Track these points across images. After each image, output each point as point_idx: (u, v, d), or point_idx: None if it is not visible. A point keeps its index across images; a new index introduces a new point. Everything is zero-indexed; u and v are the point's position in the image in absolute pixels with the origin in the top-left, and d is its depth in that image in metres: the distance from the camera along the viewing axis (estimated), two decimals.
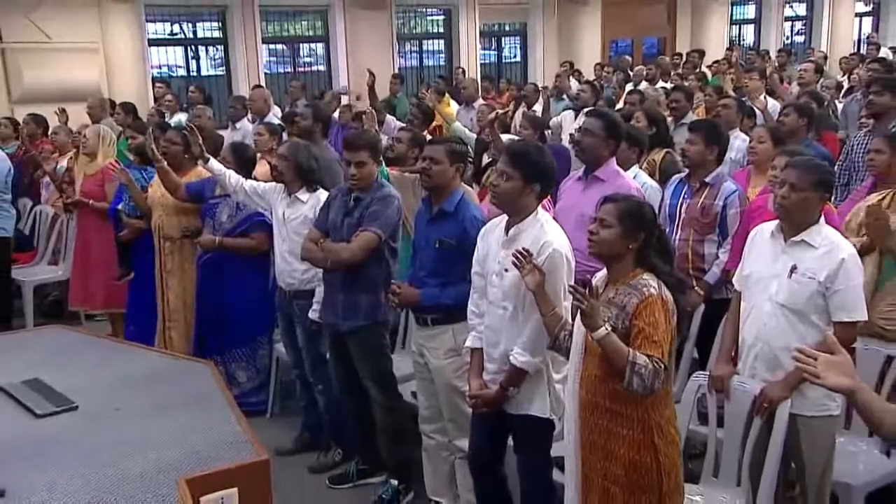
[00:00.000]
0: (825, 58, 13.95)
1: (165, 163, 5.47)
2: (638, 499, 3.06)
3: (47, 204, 7.63)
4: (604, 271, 3.22)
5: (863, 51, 14.98)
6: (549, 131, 8.48)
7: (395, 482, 4.54)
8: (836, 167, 5.53)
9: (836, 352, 2.42)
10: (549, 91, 10.94)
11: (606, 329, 2.91)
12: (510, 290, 3.50)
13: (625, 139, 5.20)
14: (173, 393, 3.61)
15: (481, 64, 14.77)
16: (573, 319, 3.24)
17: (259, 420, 5.21)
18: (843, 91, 10.18)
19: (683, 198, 4.80)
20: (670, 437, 3.09)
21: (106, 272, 6.49)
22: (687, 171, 4.96)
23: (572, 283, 3.14)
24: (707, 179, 4.74)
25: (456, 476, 4.18)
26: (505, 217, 3.63)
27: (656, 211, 4.90)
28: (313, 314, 4.71)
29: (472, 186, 5.46)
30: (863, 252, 3.73)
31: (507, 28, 15.69)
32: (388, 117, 8.70)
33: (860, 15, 18.84)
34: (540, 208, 3.63)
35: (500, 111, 8.78)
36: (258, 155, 6.14)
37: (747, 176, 5.32)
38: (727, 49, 14.75)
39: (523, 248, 3.34)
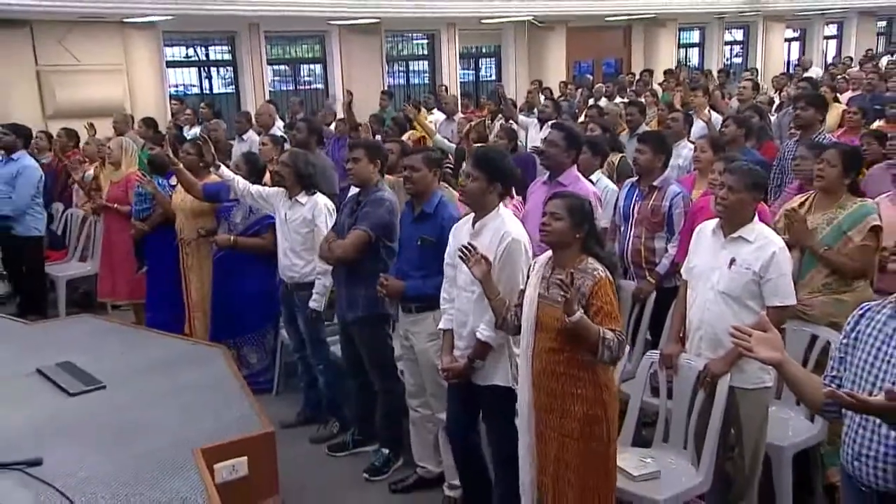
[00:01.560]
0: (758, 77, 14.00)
1: (180, 165, 5.46)
2: (590, 446, 3.12)
3: (78, 208, 7.60)
4: (547, 254, 3.27)
5: (791, 71, 15.12)
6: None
7: (386, 450, 4.55)
8: (770, 172, 5.59)
9: (767, 330, 2.48)
10: (521, 106, 10.96)
11: (580, 313, 2.96)
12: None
13: (588, 148, 5.28)
14: (190, 374, 3.62)
15: (461, 82, 14.75)
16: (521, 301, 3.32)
17: (266, 397, 5.22)
18: (774, 106, 10.22)
19: (635, 200, 4.81)
20: (614, 394, 3.20)
21: (129, 267, 6.47)
22: (637, 176, 4.98)
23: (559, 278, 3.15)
24: (655, 183, 4.76)
25: (439, 444, 4.20)
26: (471, 217, 3.68)
27: (611, 211, 5.00)
28: (313, 303, 4.72)
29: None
30: (789, 247, 3.77)
31: (483, 50, 15.66)
32: None
33: (789, 40, 18.98)
34: (501, 205, 3.67)
35: (476, 120, 8.83)
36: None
37: (693, 181, 5.34)
38: (675, 69, 14.80)
39: (468, 243, 3.41)
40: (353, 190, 4.60)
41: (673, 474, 3.50)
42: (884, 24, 20.45)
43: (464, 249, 3.39)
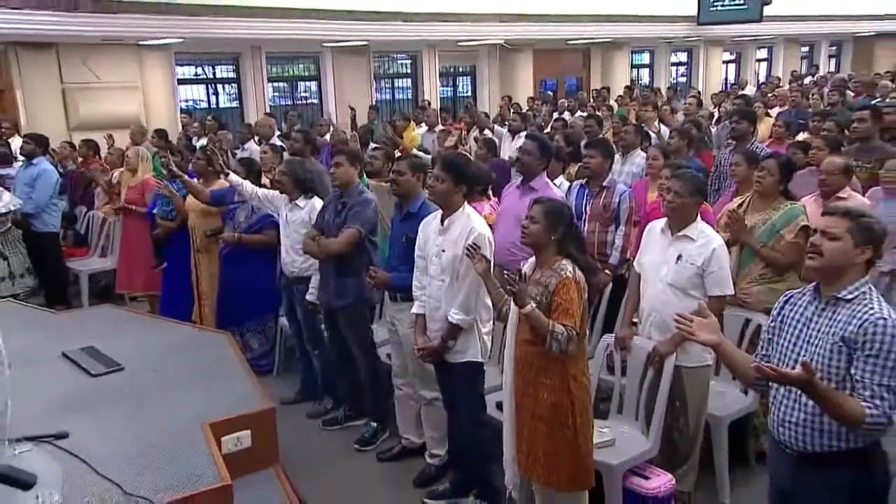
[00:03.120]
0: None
1: (185, 175, 5.54)
2: (557, 432, 3.09)
3: (98, 210, 7.57)
4: (533, 258, 3.25)
5: (729, 89, 15.26)
6: None
7: (374, 424, 4.56)
8: (709, 178, 5.64)
9: (706, 316, 2.54)
10: (493, 118, 11.01)
11: (531, 306, 2.94)
12: (447, 266, 3.56)
13: (554, 156, 5.31)
14: (199, 357, 3.60)
15: (440, 98, 14.74)
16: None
17: (267, 378, 5.20)
18: (714, 119, 10.31)
19: (586, 199, 4.82)
20: (583, 385, 3.13)
21: (144, 262, 6.44)
22: (586, 178, 4.98)
23: (507, 273, 3.12)
24: (605, 184, 4.79)
25: (421, 418, 4.20)
26: (439, 213, 3.67)
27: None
28: (310, 296, 4.70)
29: None
30: (728, 244, 3.81)
31: (460, 69, 15.64)
32: None
33: (726, 62, 19.14)
34: (466, 204, 3.67)
35: (454, 133, 8.90)
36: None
37: (646, 185, 5.38)
38: (628, 87, 14.87)
39: (473, 243, 3.38)
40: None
41: (626, 442, 3.53)
42: (806, 49, 20.72)
43: (470, 248, 3.35)
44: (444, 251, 3.58)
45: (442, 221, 3.65)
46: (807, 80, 15.45)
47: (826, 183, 4.46)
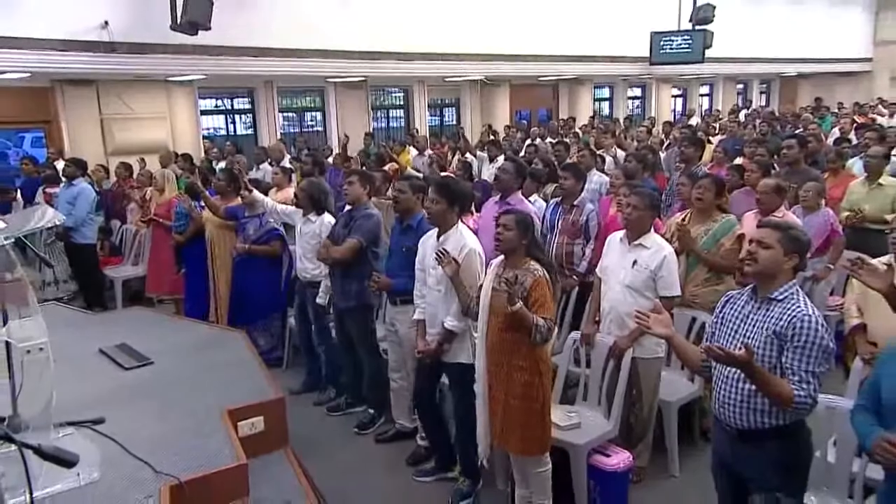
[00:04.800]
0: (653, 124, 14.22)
1: (206, 192, 5.60)
2: (529, 406, 3.12)
3: (131, 224, 7.55)
4: (500, 258, 3.25)
5: (677, 119, 15.38)
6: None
7: (371, 411, 4.55)
8: (662, 195, 5.68)
9: (660, 312, 2.55)
10: (476, 144, 11.03)
11: (520, 304, 2.96)
12: (442, 278, 3.53)
13: (530, 176, 5.33)
14: (218, 353, 3.58)
15: (429, 126, 14.75)
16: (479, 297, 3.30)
17: (277, 370, 5.17)
18: (665, 145, 10.38)
19: (559, 215, 4.85)
20: (548, 366, 3.18)
21: (170, 269, 6.41)
22: (560, 196, 5.01)
23: (505, 278, 3.14)
24: (575, 203, 4.82)
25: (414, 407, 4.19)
26: (436, 231, 3.67)
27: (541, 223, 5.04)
28: (319, 300, 4.69)
29: None
30: (677, 253, 3.83)
31: (446, 101, 15.66)
32: None
33: (675, 96, 19.28)
34: (460, 222, 3.66)
35: (439, 154, 9.00)
36: (274, 189, 6.35)
37: (609, 201, 5.41)
38: (591, 117, 14.96)
39: (441, 249, 3.41)
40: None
41: (590, 424, 3.53)
42: (741, 86, 20.95)
43: (439, 253, 3.38)
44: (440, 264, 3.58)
45: (438, 237, 3.64)
46: (742, 113, 15.64)
47: (762, 202, 4.49)
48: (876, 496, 2.16)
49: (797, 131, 9.09)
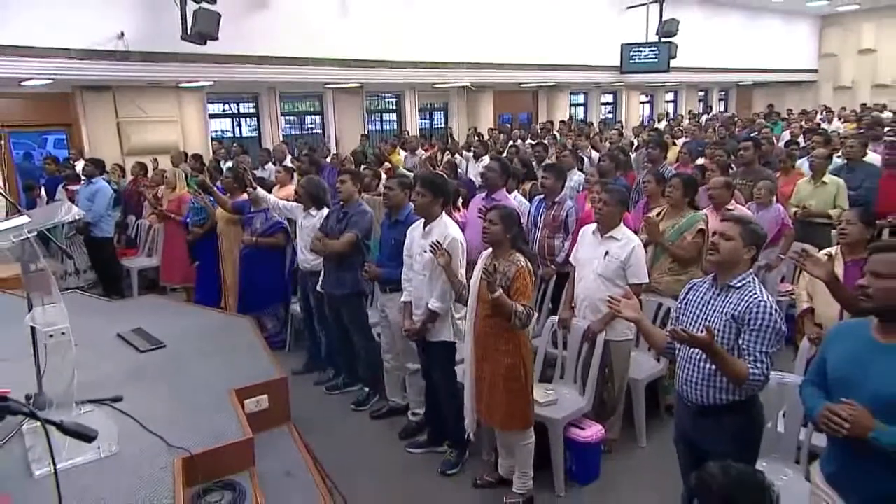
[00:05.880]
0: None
1: (215, 188, 5.58)
2: (512, 385, 3.13)
3: (145, 219, 7.48)
4: (489, 250, 3.26)
5: (645, 123, 15.44)
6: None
7: (367, 389, 4.54)
8: (631, 192, 5.68)
9: (630, 299, 2.56)
10: (462, 145, 11.02)
11: (500, 292, 2.96)
12: (427, 264, 3.54)
13: (512, 175, 5.32)
14: (226, 337, 3.55)
15: (420, 128, 14.69)
16: (469, 284, 3.31)
17: (280, 353, 5.13)
18: (634, 147, 10.41)
19: (542, 211, 4.84)
20: (529, 349, 3.19)
21: (182, 260, 6.37)
22: (543, 194, 5.02)
23: (484, 265, 3.14)
24: (556, 200, 4.80)
25: (406, 385, 4.20)
26: (422, 221, 3.66)
27: (524, 218, 5.03)
28: (319, 288, 4.65)
29: None
30: (645, 244, 3.84)
31: (435, 105, 15.60)
32: None
33: (643, 102, 19.30)
34: (444, 214, 3.65)
35: (429, 153, 8.93)
36: (277, 186, 6.30)
37: (585, 197, 5.42)
38: (562, 122, 14.97)
39: (435, 241, 3.39)
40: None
41: (567, 400, 3.55)
42: (702, 93, 21.01)
43: (434, 245, 3.36)
44: (426, 252, 3.54)
45: (424, 227, 3.63)
46: (703, 118, 15.70)
47: (713, 196, 4.52)
48: (819, 460, 2.19)
49: (752, 135, 9.12)
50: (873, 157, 6.84)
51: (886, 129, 9.74)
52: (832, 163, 5.97)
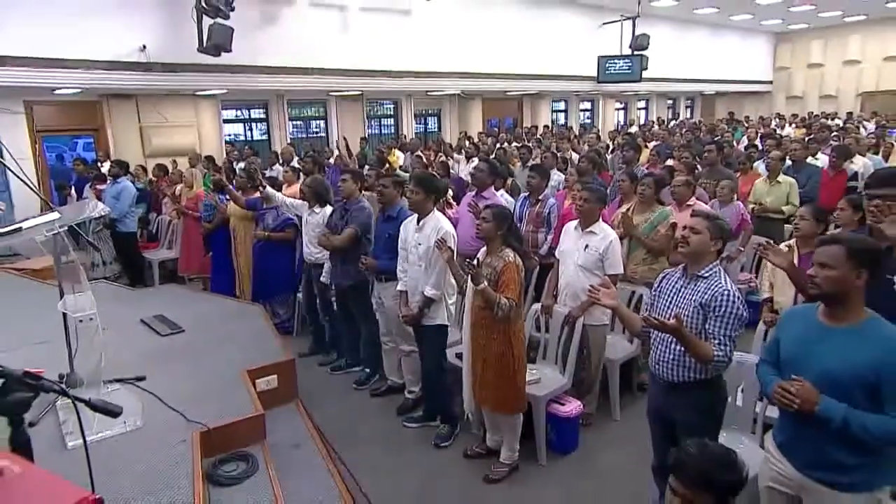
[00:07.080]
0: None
1: (231, 186, 5.52)
2: (503, 371, 3.11)
3: (165, 215, 7.43)
4: (484, 248, 3.24)
5: (620, 128, 15.42)
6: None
7: (367, 370, 4.52)
8: (608, 190, 5.68)
9: (608, 287, 2.54)
10: (454, 147, 10.99)
11: (484, 284, 2.95)
12: (423, 255, 3.53)
13: (498, 175, 5.30)
14: (239, 323, 3.56)
15: (415, 132, 14.62)
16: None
17: (289, 337, 5.14)
18: (609, 149, 10.42)
19: (527, 207, 4.82)
20: (520, 339, 3.15)
21: (199, 252, 6.34)
22: (528, 192, 5.00)
23: (468, 260, 3.12)
24: (540, 198, 4.79)
25: (401, 365, 4.19)
26: (415, 217, 3.64)
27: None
28: (323, 279, 4.64)
29: None
30: (621, 237, 3.84)
31: (429, 111, 15.51)
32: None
33: (618, 109, 19.27)
34: (435, 210, 3.63)
35: (425, 154, 8.91)
36: (285, 184, 6.26)
37: (565, 195, 5.41)
38: (545, 126, 14.94)
39: (440, 238, 3.35)
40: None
41: (548, 379, 3.55)
42: (671, 101, 21.02)
43: (439, 242, 3.32)
44: (420, 244, 3.55)
45: (418, 222, 3.61)
46: (671, 124, 15.73)
47: (675, 193, 4.52)
48: (772, 430, 2.21)
49: (715, 139, 9.14)
50: (823, 159, 6.88)
51: (833, 134, 9.81)
52: (784, 164, 6.01)
